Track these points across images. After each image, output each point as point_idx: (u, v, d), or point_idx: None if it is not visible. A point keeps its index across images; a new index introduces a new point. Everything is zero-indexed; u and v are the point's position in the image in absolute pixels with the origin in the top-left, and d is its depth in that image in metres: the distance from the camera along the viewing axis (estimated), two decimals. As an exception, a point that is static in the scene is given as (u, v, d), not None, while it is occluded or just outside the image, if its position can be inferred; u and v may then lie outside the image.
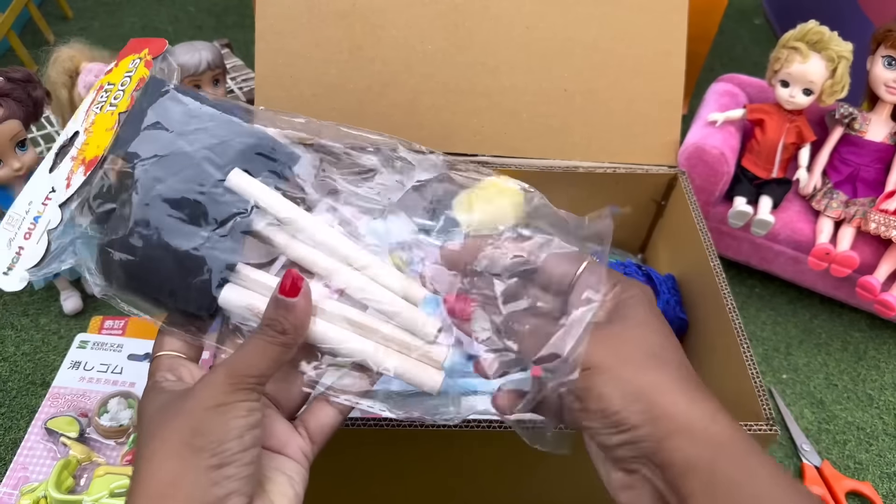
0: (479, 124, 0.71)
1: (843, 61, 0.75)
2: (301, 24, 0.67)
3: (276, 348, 0.33)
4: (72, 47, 0.77)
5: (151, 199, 0.35)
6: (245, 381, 0.32)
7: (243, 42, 1.16)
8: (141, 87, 0.39)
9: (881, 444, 0.73)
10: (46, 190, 0.39)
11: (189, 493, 0.29)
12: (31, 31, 1.15)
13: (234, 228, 0.36)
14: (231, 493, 0.30)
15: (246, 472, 0.31)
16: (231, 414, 0.31)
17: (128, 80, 0.41)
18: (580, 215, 0.49)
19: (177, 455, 0.30)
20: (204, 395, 0.31)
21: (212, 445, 0.30)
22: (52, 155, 0.40)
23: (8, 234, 0.38)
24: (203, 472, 0.30)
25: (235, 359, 0.32)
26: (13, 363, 0.72)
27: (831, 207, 0.80)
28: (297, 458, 0.35)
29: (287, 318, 0.33)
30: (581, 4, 0.70)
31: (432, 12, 0.68)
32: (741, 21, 1.36)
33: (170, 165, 0.36)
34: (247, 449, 0.31)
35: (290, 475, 0.34)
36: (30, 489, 0.59)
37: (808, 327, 0.84)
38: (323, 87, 0.68)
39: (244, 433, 0.31)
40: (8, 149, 0.68)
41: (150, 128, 0.37)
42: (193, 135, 0.37)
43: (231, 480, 0.30)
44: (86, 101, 0.41)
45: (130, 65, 0.41)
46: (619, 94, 0.71)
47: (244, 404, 0.31)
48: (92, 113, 0.40)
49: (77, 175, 0.38)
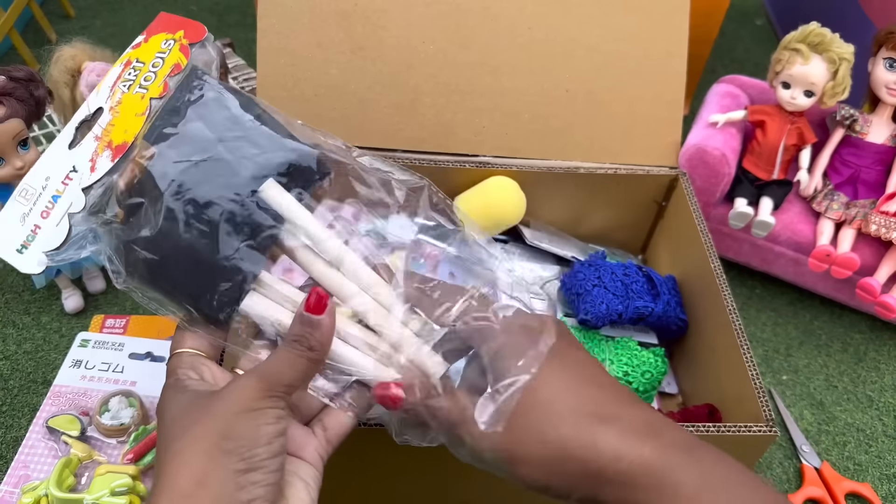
0: (481, 124, 0.71)
1: (845, 63, 0.75)
2: (303, 24, 0.67)
3: (305, 362, 0.33)
4: (74, 46, 0.77)
5: (185, 201, 0.34)
6: (276, 389, 0.32)
7: (245, 41, 1.16)
8: (176, 73, 0.38)
9: (881, 445, 0.73)
10: (66, 168, 0.37)
11: (216, 495, 0.29)
12: (33, 30, 1.15)
13: (262, 241, 0.36)
14: (256, 498, 0.30)
15: (272, 479, 0.31)
16: (261, 420, 0.31)
17: (160, 61, 0.39)
18: (581, 215, 0.49)
19: (206, 455, 0.30)
20: (235, 398, 0.31)
21: (241, 450, 0.30)
22: (73, 128, 0.38)
23: (21, 209, 0.37)
24: (231, 475, 0.30)
25: (266, 367, 0.33)
26: (14, 361, 0.72)
27: (832, 209, 0.80)
28: (312, 460, 0.36)
29: (314, 336, 0.33)
30: (582, 5, 0.70)
31: (434, 13, 0.68)
32: (743, 22, 1.36)
33: (207, 170, 0.35)
34: (275, 456, 0.31)
35: (306, 480, 0.35)
36: (31, 487, 0.59)
37: (808, 329, 0.84)
38: (324, 87, 0.68)
39: (273, 440, 0.31)
40: (10, 147, 0.68)
41: (191, 126, 0.36)
42: (234, 142, 0.36)
43: (257, 486, 0.30)
44: (111, 74, 0.39)
45: (163, 44, 0.39)
46: (621, 95, 0.72)
47: (273, 411, 0.31)
48: (118, 90, 0.38)
49: (103, 159, 0.36)
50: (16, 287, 0.79)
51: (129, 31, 1.16)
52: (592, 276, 0.67)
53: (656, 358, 0.65)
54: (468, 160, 0.71)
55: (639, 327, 0.70)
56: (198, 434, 0.30)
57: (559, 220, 0.76)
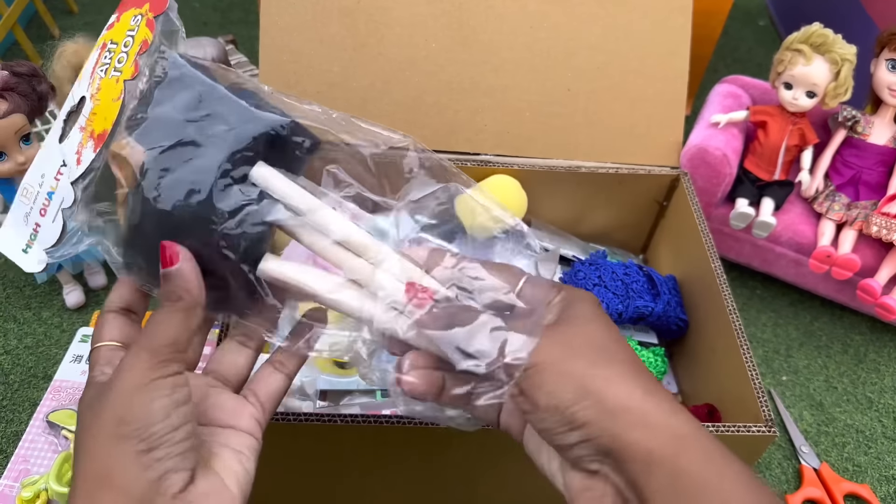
0: (482, 123, 0.71)
1: (847, 64, 0.75)
2: (305, 21, 0.67)
3: (179, 314, 0.33)
4: (77, 42, 0.77)
5: (160, 190, 0.34)
6: (161, 354, 0.31)
7: (247, 38, 1.16)
8: (144, 50, 0.37)
9: (880, 446, 0.73)
10: (58, 163, 0.36)
11: (122, 483, 0.29)
12: (36, 26, 1.15)
13: (244, 220, 0.35)
14: (166, 472, 0.30)
15: (178, 450, 0.31)
16: (154, 394, 0.30)
17: (130, 40, 0.37)
18: (582, 215, 0.49)
19: (106, 446, 0.30)
20: (124, 379, 0.31)
21: (137, 431, 0.30)
22: (61, 122, 0.38)
23: (24, 208, 0.36)
24: (133, 458, 0.30)
25: (145, 335, 0.32)
26: (15, 356, 0.72)
27: (833, 210, 0.80)
28: (249, 428, 0.36)
29: (177, 285, 0.33)
30: (585, 5, 0.70)
31: (436, 10, 0.68)
32: (745, 22, 1.36)
33: (178, 155, 0.34)
34: (176, 428, 0.31)
35: (238, 450, 0.35)
36: (31, 482, 0.59)
37: (808, 330, 0.84)
38: (326, 84, 0.68)
39: (170, 412, 0.31)
40: (13, 143, 0.68)
41: (158, 110, 0.35)
42: (204, 121, 0.35)
43: (163, 461, 0.30)
44: (90, 60, 0.38)
45: (132, 20, 0.38)
46: (623, 95, 0.71)
47: (167, 381, 0.31)
48: (97, 77, 0.37)
49: (87, 150, 0.36)
50: (17, 282, 0.79)
51: (131, 27, 1.16)
52: (593, 276, 0.67)
53: (656, 357, 0.65)
54: (470, 158, 0.71)
55: (639, 327, 0.71)
56: (97, 427, 0.30)
57: (560, 219, 0.76)
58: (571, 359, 0.32)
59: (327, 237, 0.36)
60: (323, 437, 0.50)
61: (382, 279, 0.36)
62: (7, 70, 0.68)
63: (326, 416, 0.49)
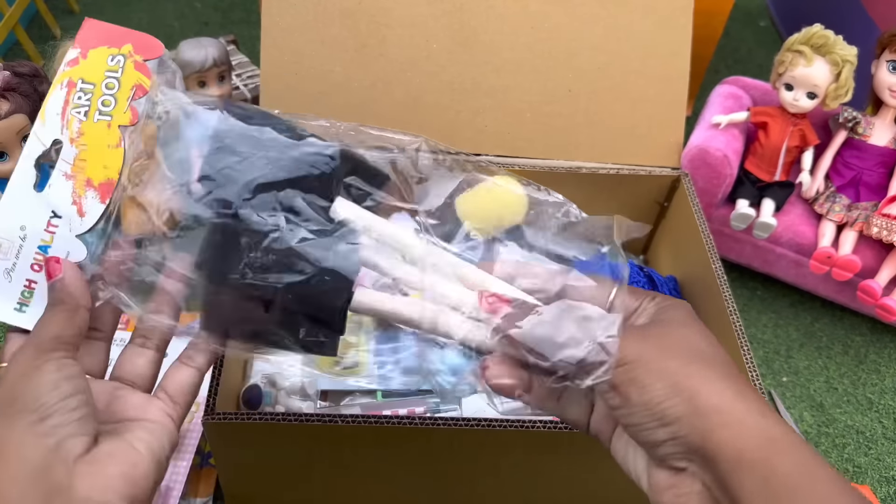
0: (483, 123, 0.71)
1: (848, 65, 0.75)
2: (307, 22, 0.67)
3: (62, 314, 0.34)
4: (78, 42, 0.77)
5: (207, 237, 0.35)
6: (46, 346, 0.32)
7: (249, 38, 1.16)
8: (140, 95, 0.36)
9: (880, 447, 0.73)
10: (44, 214, 0.35)
11: (18, 454, 0.30)
12: (37, 25, 1.15)
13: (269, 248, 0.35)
14: (65, 437, 0.31)
15: (74, 416, 0.31)
16: (41, 372, 0.32)
17: (114, 82, 0.36)
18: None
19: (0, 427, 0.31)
20: (11, 370, 0.32)
21: (28, 404, 0.31)
22: (31, 166, 0.35)
23: (3, 265, 0.35)
24: (26, 429, 0.30)
25: (31, 335, 0.34)
26: (16, 356, 0.73)
27: (834, 211, 0.80)
28: (159, 419, 0.36)
29: (60, 291, 0.34)
30: (586, 5, 0.70)
31: (438, 11, 0.69)
32: (746, 23, 1.36)
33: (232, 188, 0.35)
34: (67, 397, 0.31)
35: (149, 429, 0.35)
36: None
37: (809, 330, 0.84)
38: (328, 85, 0.68)
39: (60, 383, 0.31)
40: (14, 143, 0.68)
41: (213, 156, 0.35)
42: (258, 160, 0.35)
43: (59, 428, 0.31)
44: (52, 98, 0.36)
45: (109, 61, 0.37)
46: (623, 96, 0.72)
47: (53, 363, 0.32)
48: (73, 118, 0.36)
49: (88, 200, 0.35)
50: None
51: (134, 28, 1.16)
52: (593, 276, 0.67)
53: (656, 358, 0.65)
54: (470, 159, 0.71)
55: (639, 327, 0.70)
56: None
57: (561, 219, 0.76)
58: (665, 358, 0.33)
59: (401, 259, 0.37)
60: (323, 438, 0.51)
61: (460, 294, 0.37)
62: (8, 70, 0.68)
63: (327, 417, 0.49)
